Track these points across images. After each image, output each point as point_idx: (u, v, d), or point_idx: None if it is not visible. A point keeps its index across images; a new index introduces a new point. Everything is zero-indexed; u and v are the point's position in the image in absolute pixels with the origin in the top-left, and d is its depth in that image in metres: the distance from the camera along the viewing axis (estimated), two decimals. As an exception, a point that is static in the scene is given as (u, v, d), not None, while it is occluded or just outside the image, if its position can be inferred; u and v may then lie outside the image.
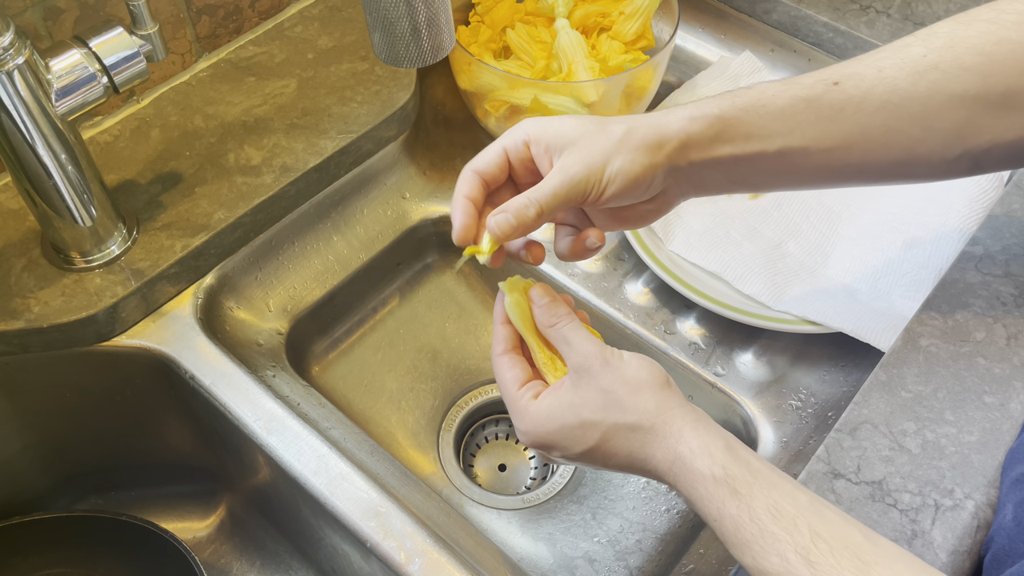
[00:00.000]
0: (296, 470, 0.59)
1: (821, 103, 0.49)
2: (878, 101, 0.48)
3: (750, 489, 0.42)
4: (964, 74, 0.47)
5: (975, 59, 0.47)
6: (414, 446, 0.76)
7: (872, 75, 0.48)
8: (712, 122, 0.48)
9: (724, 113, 0.49)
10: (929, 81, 0.47)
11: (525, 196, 0.47)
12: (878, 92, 0.48)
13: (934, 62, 0.47)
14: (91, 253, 0.64)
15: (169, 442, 0.74)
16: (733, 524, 0.42)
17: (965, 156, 0.49)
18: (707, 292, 0.70)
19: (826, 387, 0.69)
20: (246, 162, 0.71)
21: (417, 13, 0.46)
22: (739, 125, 0.49)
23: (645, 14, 0.79)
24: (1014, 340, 0.56)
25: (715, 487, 0.43)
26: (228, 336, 0.69)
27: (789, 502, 0.42)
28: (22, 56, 0.53)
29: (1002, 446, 0.52)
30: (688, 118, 0.49)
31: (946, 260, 0.69)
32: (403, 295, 0.83)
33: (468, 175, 0.50)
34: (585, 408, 0.46)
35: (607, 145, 0.48)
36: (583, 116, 0.50)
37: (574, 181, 0.47)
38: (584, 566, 0.69)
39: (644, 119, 0.49)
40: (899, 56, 0.49)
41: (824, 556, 0.40)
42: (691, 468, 0.44)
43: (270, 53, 0.79)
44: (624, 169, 0.47)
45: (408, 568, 0.54)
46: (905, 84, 0.48)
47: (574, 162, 0.47)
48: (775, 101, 0.49)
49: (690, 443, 0.44)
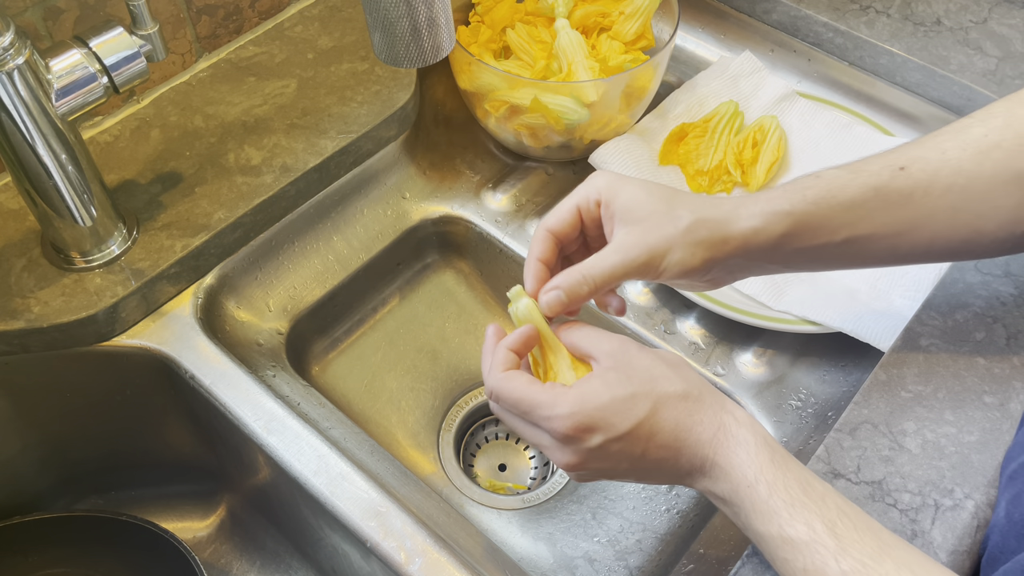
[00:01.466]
0: (296, 470, 0.59)
1: (890, 190, 0.49)
2: (945, 183, 0.48)
3: (786, 461, 0.44)
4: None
5: None
6: (414, 446, 0.76)
7: (936, 158, 0.49)
8: (782, 219, 0.48)
9: (795, 209, 0.48)
10: (993, 160, 0.48)
11: (579, 272, 0.48)
12: (944, 174, 0.48)
13: (996, 141, 0.48)
14: (91, 253, 0.64)
15: (169, 442, 0.74)
16: (768, 489, 0.43)
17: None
18: (707, 292, 0.70)
19: (826, 387, 0.69)
20: (246, 162, 0.71)
21: (417, 13, 0.46)
22: (808, 220, 0.49)
23: (645, 14, 0.79)
24: (1014, 340, 0.56)
25: (757, 453, 0.44)
26: (228, 336, 0.69)
27: (817, 481, 0.44)
28: (22, 56, 0.53)
29: (1002, 446, 0.52)
30: (759, 215, 0.48)
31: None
32: (403, 295, 0.83)
33: (542, 235, 0.50)
34: (634, 379, 0.45)
35: (672, 234, 0.47)
36: (655, 188, 0.49)
37: (632, 264, 0.47)
38: (584, 566, 0.69)
39: (713, 210, 0.49)
40: (961, 138, 0.49)
41: (849, 531, 0.42)
42: (736, 435, 0.45)
43: (270, 53, 0.79)
44: (683, 261, 0.48)
45: (408, 568, 0.54)
46: (970, 165, 0.48)
47: (635, 243, 0.48)
48: (845, 191, 0.49)
49: (735, 414, 0.46)
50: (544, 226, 0.51)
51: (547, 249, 0.50)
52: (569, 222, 0.50)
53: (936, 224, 0.49)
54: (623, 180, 0.50)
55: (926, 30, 0.81)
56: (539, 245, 0.50)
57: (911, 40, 0.80)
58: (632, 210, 0.48)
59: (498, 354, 0.48)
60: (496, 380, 0.47)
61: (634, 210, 0.48)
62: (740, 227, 0.48)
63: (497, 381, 0.47)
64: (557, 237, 0.51)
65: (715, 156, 0.78)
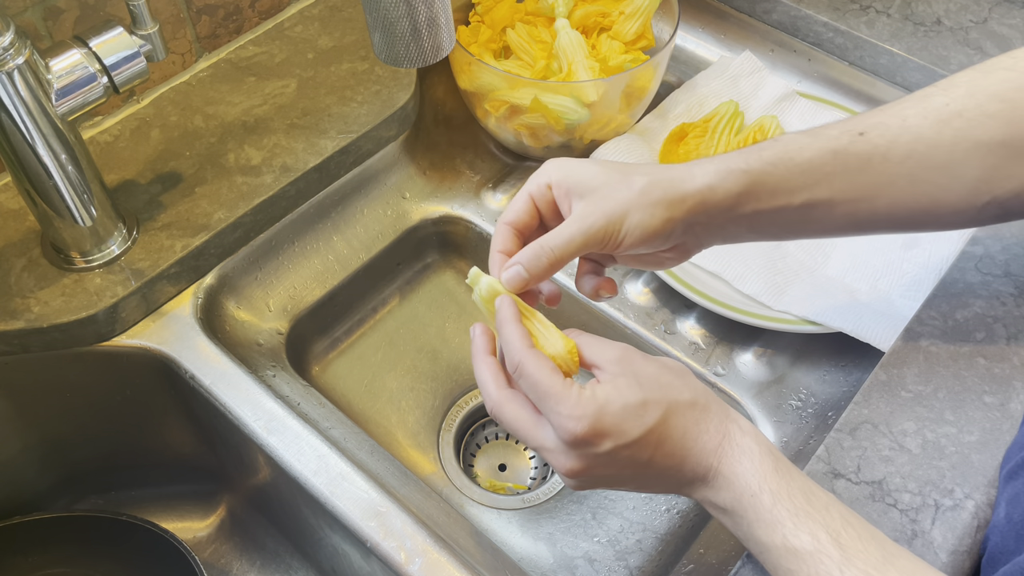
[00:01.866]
0: (296, 470, 0.59)
1: (848, 154, 0.48)
2: (904, 150, 0.48)
3: (789, 470, 0.44)
4: (988, 121, 0.47)
5: (998, 106, 0.47)
6: (414, 446, 0.76)
7: (897, 124, 0.48)
8: (738, 177, 0.48)
9: (751, 168, 0.48)
10: (954, 129, 0.47)
11: (538, 244, 0.47)
12: (903, 141, 0.48)
13: (957, 110, 0.48)
14: (91, 253, 0.64)
15: (169, 442, 0.74)
16: (772, 499, 0.43)
17: (993, 203, 0.49)
18: (707, 292, 0.70)
19: (826, 387, 0.69)
20: (246, 162, 0.71)
21: (417, 13, 0.46)
22: (765, 179, 0.48)
23: (645, 14, 0.79)
24: (1014, 340, 0.56)
25: (761, 462, 0.44)
26: (228, 336, 0.69)
27: (820, 491, 0.44)
28: (22, 56, 0.53)
29: (1002, 446, 0.52)
30: (713, 173, 0.48)
31: (946, 260, 0.69)
32: (403, 295, 0.83)
33: (500, 228, 0.50)
34: (644, 387, 0.45)
35: (627, 196, 0.47)
36: (607, 163, 0.50)
37: (591, 231, 0.47)
38: (584, 566, 0.69)
39: (667, 171, 0.49)
40: (922, 105, 0.49)
41: (853, 541, 0.41)
42: (740, 444, 0.45)
43: (270, 53, 0.79)
44: (642, 223, 0.47)
45: (408, 568, 0.54)
46: (930, 133, 0.48)
47: (592, 211, 0.47)
48: (802, 153, 0.48)
49: (739, 423, 0.46)
50: (501, 220, 0.50)
51: (507, 239, 0.50)
52: (525, 211, 0.50)
53: (895, 191, 0.49)
54: (573, 161, 0.50)
55: (926, 30, 0.81)
56: (498, 238, 0.50)
57: (911, 40, 0.80)
58: (586, 182, 0.48)
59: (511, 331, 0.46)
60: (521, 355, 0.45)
61: (588, 182, 0.48)
62: (696, 184, 0.48)
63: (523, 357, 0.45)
64: (516, 229, 0.50)
65: (715, 156, 0.78)
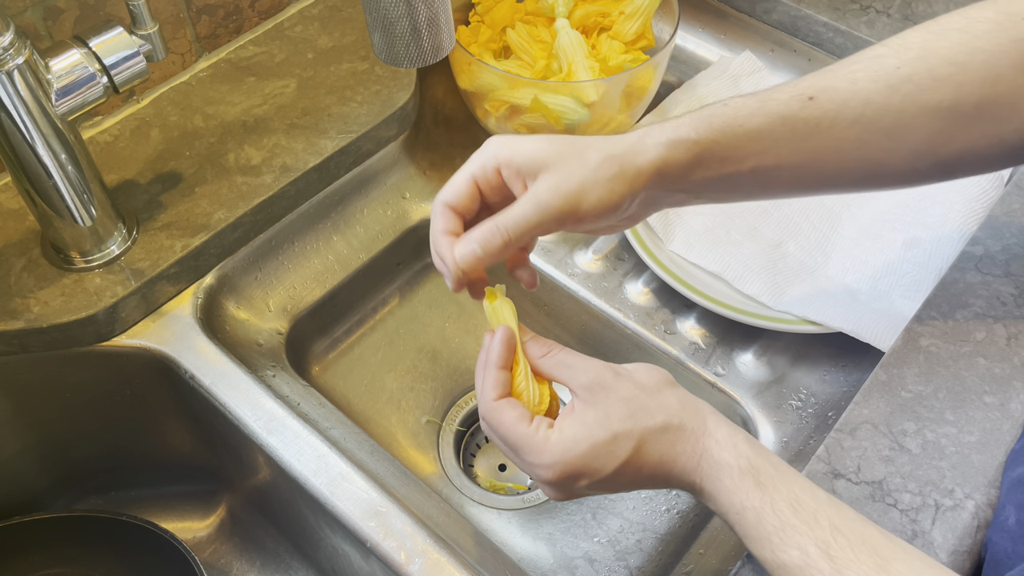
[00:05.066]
0: (296, 470, 0.59)
1: (796, 120, 0.48)
2: (852, 115, 0.48)
3: (773, 482, 0.43)
4: (938, 85, 0.47)
5: (948, 70, 0.47)
6: (414, 446, 0.76)
7: (846, 88, 0.48)
8: (689, 147, 0.48)
9: (701, 137, 0.48)
10: (903, 94, 0.47)
11: (492, 223, 0.46)
12: (852, 106, 0.48)
13: (908, 74, 0.47)
14: (91, 253, 0.64)
15: (169, 442, 0.74)
16: (755, 516, 0.42)
17: (936, 165, 0.49)
18: (707, 292, 0.70)
19: (826, 387, 0.69)
20: (246, 162, 0.71)
21: (417, 13, 0.46)
22: (715, 148, 0.48)
23: (645, 14, 0.79)
24: (1014, 340, 0.56)
25: (740, 479, 0.43)
26: (228, 336, 0.69)
27: (809, 496, 0.42)
28: (22, 56, 0.53)
29: (1002, 446, 0.52)
30: (666, 144, 0.47)
31: (946, 260, 0.69)
32: (403, 295, 0.83)
33: (442, 210, 0.48)
34: (613, 420, 0.44)
35: (583, 175, 0.46)
36: (554, 137, 0.48)
37: (548, 212, 0.46)
38: (584, 566, 0.69)
39: (618, 144, 0.48)
40: (872, 68, 0.48)
41: (843, 551, 0.40)
42: (718, 460, 0.44)
43: (270, 53, 0.79)
44: (601, 200, 0.46)
45: (408, 568, 0.54)
46: (879, 97, 0.47)
47: (547, 189, 0.46)
48: (751, 120, 0.48)
49: (716, 436, 0.44)
50: (440, 200, 0.48)
51: (451, 221, 0.48)
52: (466, 194, 0.48)
53: (842, 156, 0.49)
54: (518, 138, 0.48)
55: (926, 30, 0.81)
56: (442, 219, 0.48)
57: (911, 40, 0.80)
58: (537, 160, 0.46)
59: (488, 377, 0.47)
60: (487, 407, 0.47)
61: (539, 159, 0.46)
62: (648, 157, 0.47)
63: (488, 409, 0.47)
64: (456, 210, 0.48)
65: (715, 156, 0.78)
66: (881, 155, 0.49)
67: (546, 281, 0.76)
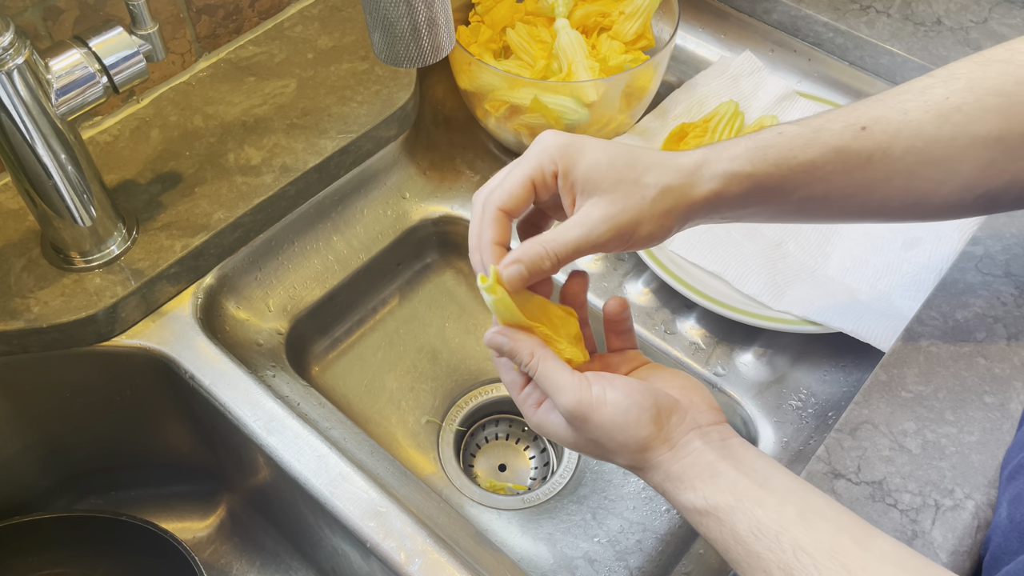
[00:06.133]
0: (296, 470, 0.59)
1: (850, 152, 0.48)
2: (904, 146, 0.47)
3: (731, 515, 0.42)
4: (986, 116, 0.47)
5: (996, 100, 0.47)
6: (414, 446, 0.76)
7: (898, 119, 0.48)
8: (742, 181, 0.47)
9: (756, 171, 0.47)
10: (953, 124, 0.47)
11: (541, 246, 0.45)
12: (904, 136, 0.47)
13: (957, 104, 0.47)
14: (91, 253, 0.64)
15: (169, 442, 0.74)
16: (722, 547, 0.43)
17: (984, 196, 0.49)
18: (707, 292, 0.70)
19: (826, 387, 0.69)
20: (246, 162, 0.71)
21: (417, 13, 0.46)
22: (767, 182, 0.47)
23: (645, 14, 0.79)
24: (1014, 340, 0.56)
25: (700, 517, 0.44)
26: (228, 336, 0.69)
27: (774, 518, 0.41)
28: (22, 56, 0.53)
29: (1002, 446, 0.52)
30: (722, 176, 0.47)
31: (946, 260, 0.69)
32: (403, 295, 0.83)
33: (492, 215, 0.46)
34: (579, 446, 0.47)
35: (639, 206, 0.45)
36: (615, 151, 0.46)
37: (598, 240, 0.45)
38: (584, 566, 0.69)
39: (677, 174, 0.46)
40: (923, 99, 0.48)
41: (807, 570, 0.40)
42: (677, 501, 0.45)
43: (270, 53, 0.79)
44: (652, 234, 0.46)
45: (408, 568, 0.54)
46: (930, 128, 0.47)
47: (601, 218, 0.45)
48: (806, 151, 0.47)
49: (675, 481, 0.44)
50: (494, 204, 0.46)
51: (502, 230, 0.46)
52: (522, 198, 0.46)
53: (890, 187, 0.48)
54: (579, 143, 0.46)
55: (926, 30, 0.81)
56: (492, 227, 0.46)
57: (911, 40, 0.80)
58: (594, 180, 0.45)
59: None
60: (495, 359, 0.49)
61: (597, 181, 0.45)
62: (703, 191, 0.47)
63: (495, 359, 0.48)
64: (509, 215, 0.46)
65: (715, 156, 0.78)
66: (930, 186, 0.48)
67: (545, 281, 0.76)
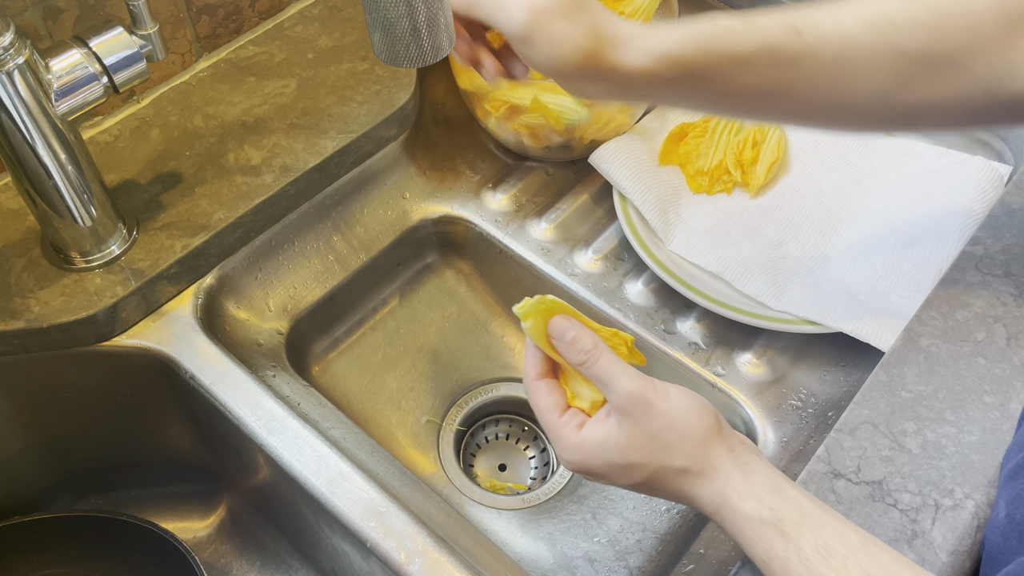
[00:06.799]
0: (296, 470, 0.59)
1: (782, 52, 0.48)
2: (832, 51, 0.48)
3: (799, 530, 0.42)
4: (916, 30, 0.47)
5: (930, 16, 0.47)
6: (414, 446, 0.76)
7: (832, 26, 0.48)
8: (673, 66, 0.48)
9: (686, 56, 0.48)
10: (883, 35, 0.47)
11: None
12: (835, 43, 0.48)
13: (891, 17, 0.47)
14: (91, 253, 0.64)
15: (169, 442, 0.74)
16: (782, 566, 0.41)
17: (903, 113, 0.49)
18: (707, 292, 0.70)
19: (826, 387, 0.69)
20: (246, 162, 0.71)
21: (417, 13, 0.46)
22: (695, 68, 0.48)
23: (645, 14, 0.79)
24: (1014, 340, 0.56)
25: (763, 529, 0.42)
26: (228, 336, 0.69)
27: (839, 542, 0.41)
28: (22, 56, 0.53)
29: (1002, 446, 0.52)
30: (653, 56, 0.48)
31: (946, 260, 0.68)
32: (403, 295, 0.83)
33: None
34: (631, 451, 0.45)
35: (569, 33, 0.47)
36: None
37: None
38: (584, 566, 0.69)
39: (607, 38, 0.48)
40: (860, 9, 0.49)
41: None
42: (738, 511, 0.43)
43: (270, 53, 0.79)
44: (556, 56, 0.48)
45: (408, 568, 0.54)
46: (861, 38, 0.48)
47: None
48: (738, 43, 0.48)
49: (737, 487, 0.44)
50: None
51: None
52: None
53: (814, 90, 0.49)
54: None
55: (926, 30, 0.81)
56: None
57: (911, 40, 0.80)
58: None
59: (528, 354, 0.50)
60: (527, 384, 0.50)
61: None
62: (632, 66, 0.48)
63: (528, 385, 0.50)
64: None
65: (715, 156, 0.78)
66: (852, 94, 0.49)
67: (546, 281, 0.76)
